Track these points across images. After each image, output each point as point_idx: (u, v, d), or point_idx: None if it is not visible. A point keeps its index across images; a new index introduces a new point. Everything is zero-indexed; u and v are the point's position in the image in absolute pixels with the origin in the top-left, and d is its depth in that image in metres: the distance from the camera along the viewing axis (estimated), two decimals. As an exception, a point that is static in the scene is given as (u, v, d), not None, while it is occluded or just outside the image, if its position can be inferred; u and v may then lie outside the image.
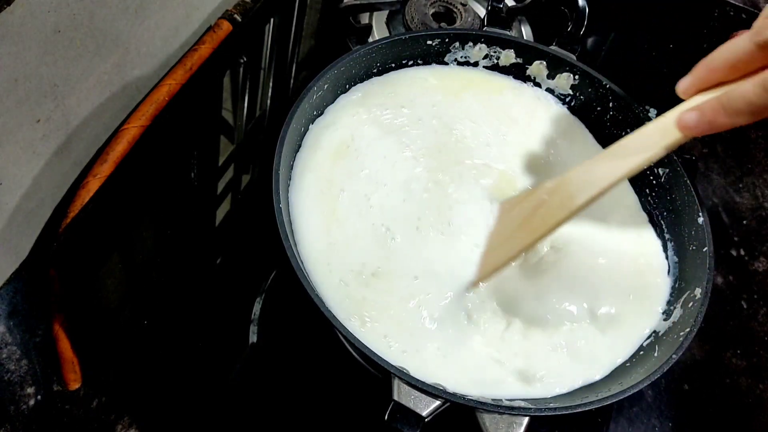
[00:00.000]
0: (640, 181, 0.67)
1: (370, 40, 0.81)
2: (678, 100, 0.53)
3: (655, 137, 0.51)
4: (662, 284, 0.61)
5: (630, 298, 0.59)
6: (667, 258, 0.63)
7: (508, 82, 0.72)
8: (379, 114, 0.66)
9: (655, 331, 0.58)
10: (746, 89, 0.46)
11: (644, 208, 0.66)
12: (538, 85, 0.72)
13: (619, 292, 0.60)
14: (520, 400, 0.53)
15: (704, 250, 0.58)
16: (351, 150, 0.63)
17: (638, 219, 0.65)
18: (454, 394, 0.49)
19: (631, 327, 0.58)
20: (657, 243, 0.64)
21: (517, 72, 0.72)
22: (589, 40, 0.94)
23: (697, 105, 0.49)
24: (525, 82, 0.72)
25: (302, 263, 0.54)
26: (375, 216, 0.60)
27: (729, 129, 0.49)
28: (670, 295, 0.60)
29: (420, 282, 0.57)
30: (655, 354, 0.55)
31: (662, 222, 0.65)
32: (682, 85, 0.51)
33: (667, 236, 0.64)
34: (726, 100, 0.47)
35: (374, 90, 0.68)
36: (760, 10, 0.98)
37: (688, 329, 0.54)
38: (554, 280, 0.59)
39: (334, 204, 0.60)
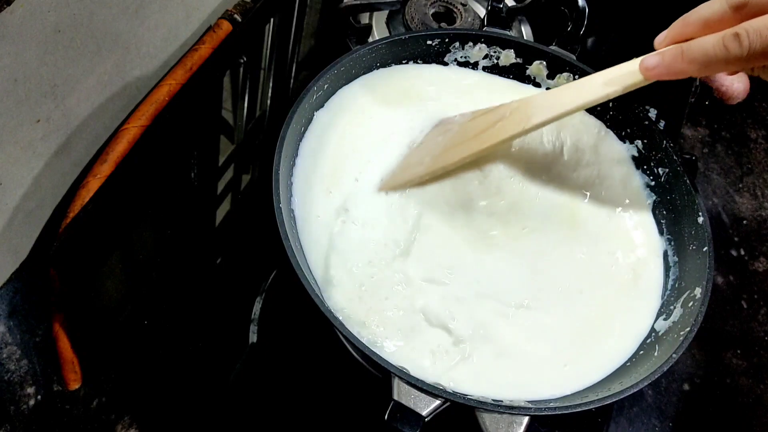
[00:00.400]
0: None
1: (370, 40, 0.81)
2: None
3: (619, 76, 0.56)
4: (660, 282, 0.61)
5: (628, 295, 0.60)
6: (666, 257, 0.63)
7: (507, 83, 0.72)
8: (381, 112, 0.66)
9: (655, 331, 0.58)
10: (706, 41, 0.50)
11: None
12: (537, 85, 0.72)
13: (617, 289, 0.60)
14: (520, 399, 0.53)
15: (704, 250, 0.59)
16: (352, 150, 0.63)
17: (645, 218, 0.65)
18: (454, 394, 0.49)
19: (629, 325, 0.58)
20: (659, 241, 0.63)
21: (517, 72, 0.72)
22: (589, 40, 0.94)
23: (661, 51, 0.54)
24: (525, 83, 0.72)
25: (302, 263, 0.54)
26: (376, 215, 0.60)
27: (684, 77, 0.53)
28: (670, 294, 0.60)
29: (422, 283, 0.57)
30: (655, 354, 0.55)
31: (662, 222, 0.65)
32: (659, 38, 0.56)
33: (667, 236, 0.64)
34: (686, 48, 0.51)
35: (376, 87, 0.67)
36: (760, 10, 0.98)
37: (688, 329, 0.54)
38: (554, 277, 0.59)
39: (335, 203, 0.60)
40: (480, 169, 0.61)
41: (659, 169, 0.66)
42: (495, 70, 0.72)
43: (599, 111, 0.70)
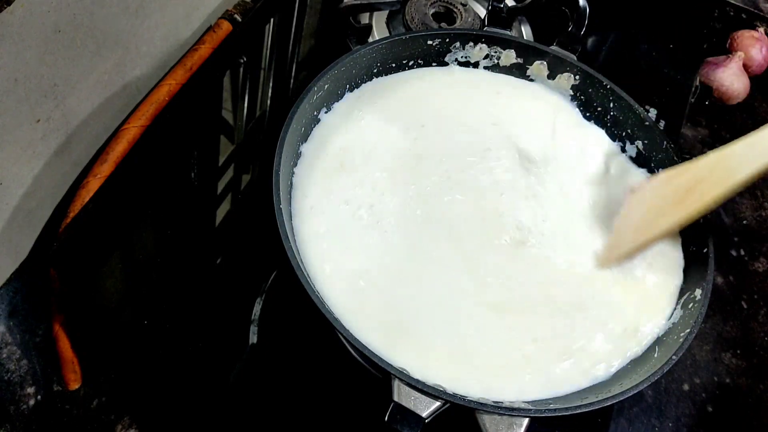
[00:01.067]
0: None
1: (370, 40, 0.81)
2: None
3: None
4: (671, 283, 0.61)
5: (638, 296, 0.60)
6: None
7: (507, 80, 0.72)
8: (382, 117, 0.66)
9: (655, 332, 0.58)
10: None
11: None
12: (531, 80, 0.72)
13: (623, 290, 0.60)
14: (520, 401, 0.53)
15: (704, 250, 0.58)
16: (352, 150, 0.63)
17: None
18: (454, 395, 0.49)
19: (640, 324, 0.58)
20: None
21: (518, 72, 0.72)
22: (589, 40, 0.94)
23: None
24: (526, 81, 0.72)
25: (302, 263, 0.54)
26: (376, 217, 0.60)
27: None
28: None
29: (423, 284, 0.57)
30: (655, 355, 0.55)
31: (662, 222, 0.65)
32: None
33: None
34: None
35: (378, 91, 0.68)
36: (760, 10, 0.98)
37: (688, 330, 0.54)
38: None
39: (335, 203, 0.60)
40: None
41: (659, 169, 0.66)
42: (495, 70, 0.72)
43: (600, 111, 0.70)
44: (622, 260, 0.58)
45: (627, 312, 0.58)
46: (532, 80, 0.72)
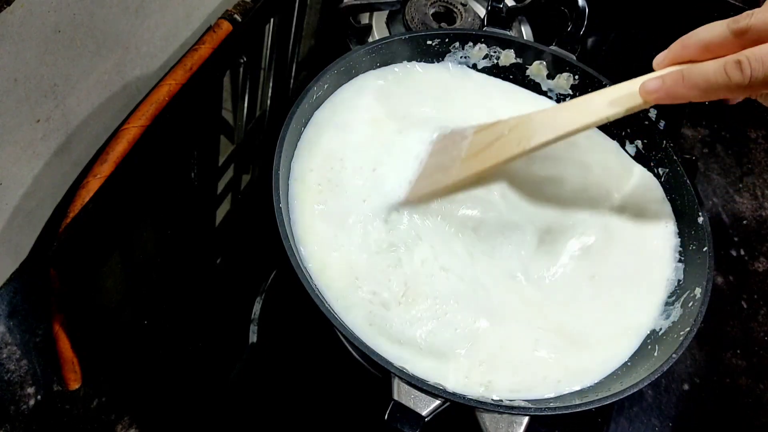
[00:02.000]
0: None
1: (370, 40, 0.81)
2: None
3: (620, 98, 0.54)
4: (666, 280, 0.61)
5: (635, 291, 0.60)
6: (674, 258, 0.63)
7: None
8: (383, 113, 0.66)
9: (654, 331, 0.58)
10: (707, 66, 0.49)
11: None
12: (537, 85, 0.72)
13: (626, 284, 0.60)
14: (520, 399, 0.53)
15: (704, 250, 0.59)
16: (352, 150, 0.63)
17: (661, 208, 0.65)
18: (454, 394, 0.49)
19: (633, 322, 0.58)
20: (673, 238, 0.63)
21: (517, 72, 0.72)
22: (589, 40, 0.94)
23: (662, 74, 0.52)
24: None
25: (302, 263, 0.54)
26: (375, 216, 0.60)
27: (685, 102, 0.51)
28: (671, 293, 0.60)
29: (424, 286, 0.57)
30: (655, 354, 0.55)
31: (662, 222, 0.65)
32: (657, 58, 0.54)
33: (667, 236, 0.64)
34: (687, 73, 0.50)
35: (378, 88, 0.67)
36: (760, 10, 0.98)
37: (688, 329, 0.54)
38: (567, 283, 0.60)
39: (335, 203, 0.60)
40: (483, 185, 0.60)
41: (659, 169, 0.66)
42: (495, 70, 0.72)
43: (599, 111, 0.70)
44: (414, 201, 0.59)
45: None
46: (531, 81, 0.72)
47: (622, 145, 0.69)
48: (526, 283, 0.59)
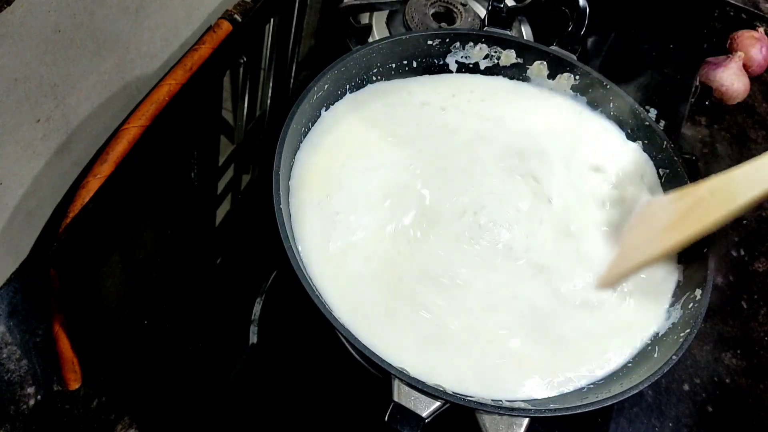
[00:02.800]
0: (641, 181, 0.67)
1: (370, 40, 0.81)
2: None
3: None
4: (666, 281, 0.61)
5: (635, 292, 0.60)
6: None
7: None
8: (382, 118, 0.66)
9: (655, 332, 0.58)
10: None
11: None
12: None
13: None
14: (520, 401, 0.53)
15: (704, 250, 0.58)
16: (352, 150, 0.63)
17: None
18: (454, 395, 0.49)
19: (635, 325, 0.58)
20: None
21: (518, 72, 0.72)
22: (589, 40, 0.94)
23: None
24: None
25: (302, 263, 0.54)
26: (374, 218, 0.60)
27: None
28: (671, 294, 0.60)
29: (423, 289, 0.57)
30: (656, 355, 0.55)
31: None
32: None
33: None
34: None
35: (378, 94, 0.68)
36: (760, 10, 0.98)
37: (688, 330, 0.54)
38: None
39: (335, 203, 0.60)
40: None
41: (659, 170, 0.66)
42: (495, 70, 0.72)
43: (600, 111, 0.70)
44: (621, 281, 0.57)
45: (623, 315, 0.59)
46: (528, 79, 0.72)
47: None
48: (527, 284, 0.59)
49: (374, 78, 0.68)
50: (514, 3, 0.87)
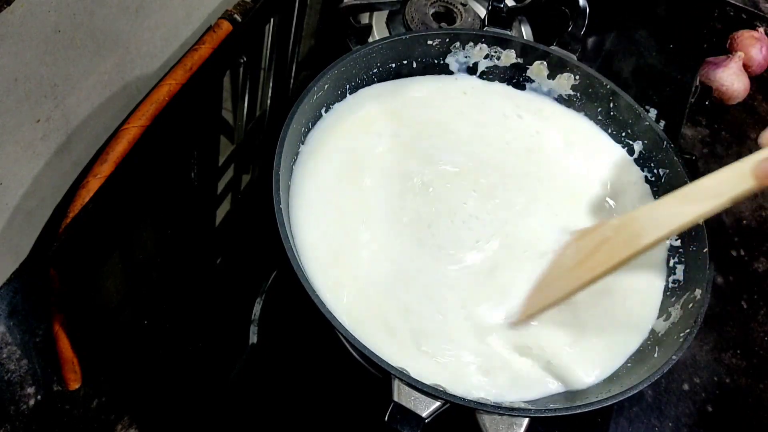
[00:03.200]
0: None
1: (370, 40, 0.81)
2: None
3: (729, 183, 0.49)
4: (666, 281, 0.61)
5: (635, 293, 0.60)
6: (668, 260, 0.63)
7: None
8: (384, 120, 0.66)
9: (654, 332, 0.58)
10: None
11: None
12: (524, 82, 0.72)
13: (626, 285, 0.60)
14: (520, 401, 0.53)
15: (704, 250, 0.58)
16: (352, 150, 0.64)
17: None
18: (454, 395, 0.49)
19: (633, 324, 0.59)
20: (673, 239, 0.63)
21: (518, 72, 0.72)
22: (589, 40, 0.94)
23: None
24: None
25: (302, 263, 0.54)
26: (373, 218, 0.60)
27: None
28: (670, 296, 0.60)
29: (422, 291, 0.57)
30: (655, 355, 0.55)
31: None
32: (765, 135, 0.50)
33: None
34: None
35: (378, 94, 0.68)
36: (760, 10, 0.98)
37: (688, 330, 0.54)
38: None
39: (335, 203, 0.60)
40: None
41: (659, 170, 0.66)
42: (495, 70, 0.72)
43: (599, 111, 0.70)
44: (532, 318, 0.56)
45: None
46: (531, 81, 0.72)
47: (623, 146, 0.69)
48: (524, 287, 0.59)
49: (374, 78, 0.68)
50: (514, 3, 0.87)
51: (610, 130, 0.70)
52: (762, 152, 0.49)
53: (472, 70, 0.72)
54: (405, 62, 0.69)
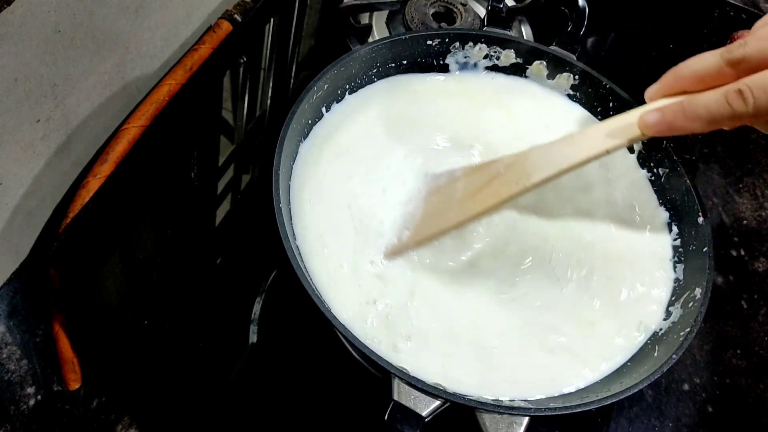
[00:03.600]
0: (640, 181, 0.67)
1: (370, 40, 0.81)
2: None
3: (617, 131, 0.53)
4: (666, 280, 0.61)
5: (635, 292, 0.60)
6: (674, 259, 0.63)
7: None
8: (384, 120, 0.66)
9: (654, 331, 0.58)
10: (708, 97, 0.48)
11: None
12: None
13: (626, 285, 0.60)
14: (519, 400, 0.53)
15: (704, 250, 0.58)
16: (352, 151, 0.64)
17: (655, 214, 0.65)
18: (454, 394, 0.49)
19: (633, 323, 0.59)
20: (668, 242, 0.63)
21: (517, 72, 0.72)
22: (589, 40, 0.94)
23: (660, 106, 0.52)
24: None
25: (302, 263, 0.54)
26: (375, 218, 0.60)
27: (685, 134, 0.51)
28: (671, 294, 0.60)
29: (421, 283, 0.57)
30: (655, 354, 0.55)
31: (662, 222, 0.65)
32: (650, 91, 0.54)
33: (667, 236, 0.64)
34: (687, 105, 0.50)
35: (378, 94, 0.68)
36: (760, 10, 0.98)
37: (688, 329, 0.54)
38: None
39: (334, 204, 0.60)
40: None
41: (659, 169, 0.66)
42: (495, 70, 0.72)
43: (599, 111, 0.70)
44: (409, 249, 0.57)
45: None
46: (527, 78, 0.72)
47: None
48: (527, 287, 0.59)
49: (374, 78, 0.68)
50: (514, 3, 0.87)
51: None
52: (649, 105, 0.54)
53: (472, 70, 0.71)
54: (405, 62, 0.69)
